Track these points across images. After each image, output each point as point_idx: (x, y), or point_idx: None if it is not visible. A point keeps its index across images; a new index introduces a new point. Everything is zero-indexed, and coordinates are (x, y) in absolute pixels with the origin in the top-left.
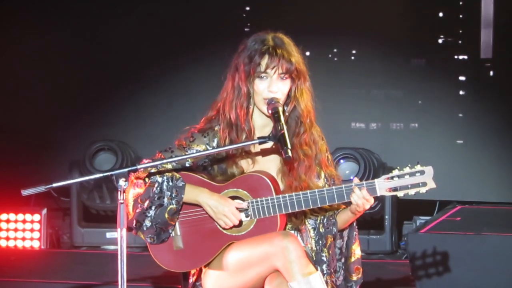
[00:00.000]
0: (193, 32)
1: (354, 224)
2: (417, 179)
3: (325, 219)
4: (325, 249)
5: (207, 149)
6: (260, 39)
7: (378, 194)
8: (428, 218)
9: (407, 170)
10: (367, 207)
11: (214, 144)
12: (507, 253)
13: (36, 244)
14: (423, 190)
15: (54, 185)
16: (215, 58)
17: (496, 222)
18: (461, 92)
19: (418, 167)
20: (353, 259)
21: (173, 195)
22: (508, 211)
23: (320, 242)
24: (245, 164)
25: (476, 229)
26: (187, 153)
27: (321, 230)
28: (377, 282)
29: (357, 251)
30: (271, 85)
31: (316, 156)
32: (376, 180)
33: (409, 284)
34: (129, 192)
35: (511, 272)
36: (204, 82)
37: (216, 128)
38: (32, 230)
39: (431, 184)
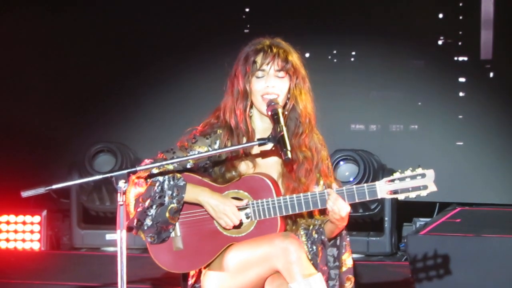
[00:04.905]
0: (193, 34)
1: (343, 233)
2: (418, 182)
3: (317, 227)
4: (317, 257)
5: (209, 151)
6: (257, 42)
7: (379, 197)
8: (428, 219)
9: (408, 173)
10: (343, 213)
11: (216, 146)
12: (507, 254)
13: (36, 246)
14: (424, 193)
15: (54, 186)
16: (215, 60)
17: (496, 224)
18: (461, 94)
19: (420, 170)
20: (344, 269)
21: (174, 194)
22: (508, 212)
23: (313, 248)
24: (245, 167)
25: (476, 230)
26: (188, 154)
27: (314, 235)
28: (376, 284)
29: (348, 261)
30: (268, 80)
31: (317, 164)
32: (377, 183)
33: (409, 286)
34: (131, 192)
35: (511, 274)
36: (204, 84)
37: (218, 132)
38: (32, 232)
39: (432, 187)
